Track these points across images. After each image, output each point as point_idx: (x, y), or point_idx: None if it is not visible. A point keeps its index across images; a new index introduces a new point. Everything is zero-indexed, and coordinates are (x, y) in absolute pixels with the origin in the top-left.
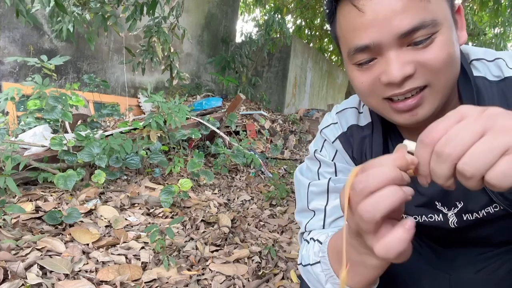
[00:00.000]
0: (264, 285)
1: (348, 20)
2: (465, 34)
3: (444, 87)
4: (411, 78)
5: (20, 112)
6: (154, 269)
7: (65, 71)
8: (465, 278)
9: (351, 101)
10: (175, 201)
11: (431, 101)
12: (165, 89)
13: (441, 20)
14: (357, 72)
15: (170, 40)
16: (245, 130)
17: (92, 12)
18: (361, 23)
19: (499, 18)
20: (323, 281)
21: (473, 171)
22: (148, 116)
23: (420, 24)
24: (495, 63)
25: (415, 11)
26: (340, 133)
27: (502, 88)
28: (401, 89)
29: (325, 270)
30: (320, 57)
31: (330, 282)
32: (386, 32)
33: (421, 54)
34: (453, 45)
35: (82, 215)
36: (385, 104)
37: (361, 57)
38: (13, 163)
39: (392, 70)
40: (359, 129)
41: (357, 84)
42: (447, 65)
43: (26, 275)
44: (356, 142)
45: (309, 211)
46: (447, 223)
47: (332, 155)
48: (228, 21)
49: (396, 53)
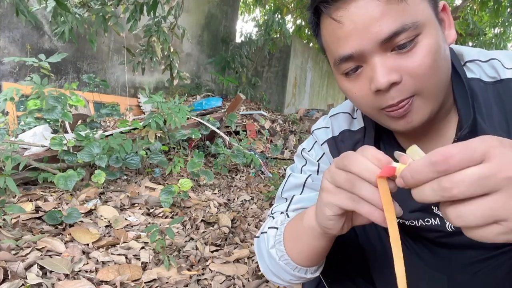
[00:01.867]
0: (264, 285)
1: (329, 32)
2: (453, 33)
3: (434, 91)
4: (398, 86)
5: (20, 112)
6: (154, 269)
7: (65, 71)
8: (463, 279)
9: (345, 106)
10: (175, 201)
11: (424, 107)
12: (165, 89)
13: (422, 22)
14: (347, 83)
15: (170, 40)
16: (245, 130)
17: (93, 12)
18: (341, 33)
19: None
20: (270, 244)
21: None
22: (148, 116)
23: (400, 28)
24: (490, 63)
25: (393, 16)
26: (329, 137)
27: (498, 89)
28: (393, 101)
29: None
30: (320, 57)
31: (276, 247)
32: (367, 40)
33: (406, 61)
34: (439, 47)
35: (82, 215)
36: (381, 113)
37: (347, 66)
38: (13, 163)
39: (378, 77)
40: (351, 134)
41: (350, 95)
42: (434, 70)
43: (26, 275)
44: (347, 147)
45: (282, 198)
46: (444, 227)
47: (319, 156)
48: (228, 21)
49: (381, 59)
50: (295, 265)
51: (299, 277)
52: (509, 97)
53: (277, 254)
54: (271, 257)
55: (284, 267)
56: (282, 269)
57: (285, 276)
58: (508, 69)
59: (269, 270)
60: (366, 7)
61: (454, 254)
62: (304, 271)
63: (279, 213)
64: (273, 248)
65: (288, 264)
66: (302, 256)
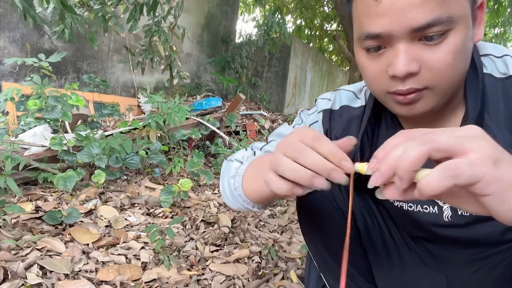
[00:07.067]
0: (264, 285)
1: (364, 4)
2: (481, 32)
3: (445, 89)
4: (414, 76)
5: (20, 112)
6: (154, 269)
7: (65, 71)
8: (463, 278)
9: (352, 86)
10: (175, 201)
11: (430, 100)
12: (165, 89)
13: (457, 18)
14: (365, 58)
15: (170, 40)
16: (245, 130)
17: (93, 13)
18: (376, 10)
19: (499, 18)
20: (231, 174)
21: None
22: (148, 116)
23: (435, 20)
24: (503, 59)
25: (432, 6)
26: (326, 108)
27: (506, 86)
28: (403, 87)
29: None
30: (320, 57)
31: (235, 179)
32: (399, 24)
33: (428, 53)
34: (464, 47)
35: (82, 215)
36: (388, 95)
37: (371, 43)
38: (13, 163)
39: (399, 64)
40: (350, 109)
41: (365, 72)
42: (452, 68)
43: (26, 275)
44: (343, 121)
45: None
46: (441, 216)
47: (313, 121)
48: (228, 21)
49: (406, 46)
50: (246, 198)
51: (246, 208)
52: None
53: (234, 184)
54: (229, 185)
55: (236, 196)
56: (234, 197)
57: (236, 203)
58: None
59: (225, 192)
60: None
61: (452, 253)
62: (252, 205)
63: (253, 149)
64: (232, 178)
65: (240, 196)
66: (255, 195)
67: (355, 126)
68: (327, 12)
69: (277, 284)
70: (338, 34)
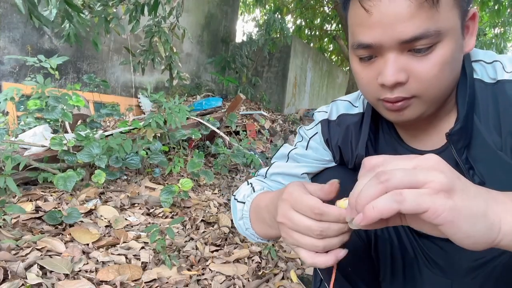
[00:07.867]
0: (264, 285)
1: (357, 15)
2: (473, 42)
3: (432, 98)
4: (402, 86)
5: (20, 112)
6: (154, 269)
7: (65, 71)
8: (467, 283)
9: (348, 97)
10: (175, 201)
11: (418, 107)
12: (165, 89)
13: (445, 31)
14: (358, 65)
15: (171, 40)
16: (245, 130)
17: (95, 14)
18: (367, 21)
19: (499, 18)
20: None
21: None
22: (148, 116)
23: (422, 34)
24: (493, 65)
25: (421, 20)
26: (324, 119)
27: (495, 91)
28: (391, 95)
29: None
30: (320, 57)
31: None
32: (389, 36)
33: (416, 64)
34: (452, 59)
35: (82, 215)
36: (379, 102)
37: (363, 53)
38: (13, 163)
39: (387, 73)
40: (348, 117)
41: (358, 79)
42: (439, 79)
43: (26, 275)
44: (343, 129)
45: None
46: None
47: (313, 134)
48: (228, 21)
49: (395, 56)
50: (259, 236)
51: (264, 241)
52: (502, 98)
53: (244, 225)
54: (239, 226)
55: (250, 235)
56: (249, 236)
57: (253, 239)
58: (507, 72)
59: (242, 230)
60: (398, 3)
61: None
62: (267, 240)
63: (256, 178)
64: (241, 220)
65: (254, 235)
66: (266, 236)
67: (354, 132)
68: (327, 12)
69: (277, 284)
70: (338, 34)
